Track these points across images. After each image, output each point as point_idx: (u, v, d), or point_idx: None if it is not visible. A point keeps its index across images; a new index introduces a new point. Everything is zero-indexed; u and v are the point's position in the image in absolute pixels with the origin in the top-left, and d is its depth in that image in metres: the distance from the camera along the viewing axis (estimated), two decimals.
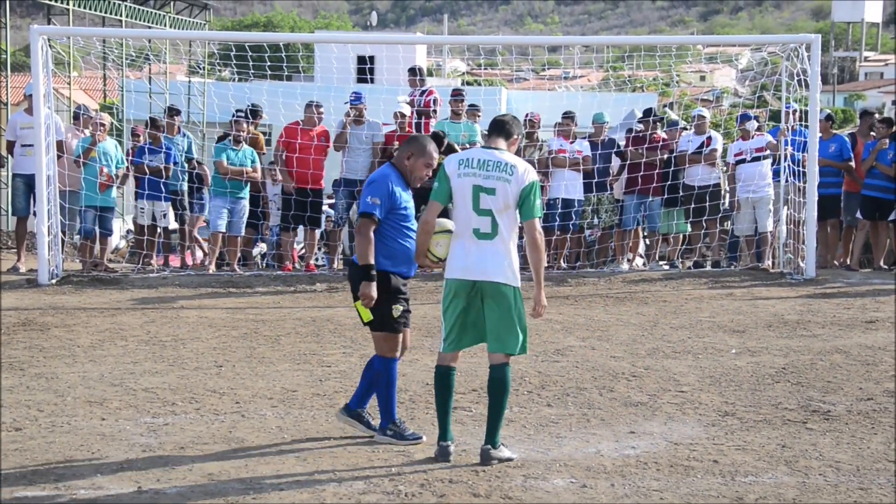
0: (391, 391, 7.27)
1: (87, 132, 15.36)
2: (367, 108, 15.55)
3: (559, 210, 15.25)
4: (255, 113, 15.74)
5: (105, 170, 14.97)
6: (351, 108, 15.41)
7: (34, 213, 14.71)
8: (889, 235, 15.60)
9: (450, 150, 7.60)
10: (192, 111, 31.53)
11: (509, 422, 7.53)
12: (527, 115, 15.91)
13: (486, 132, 7.57)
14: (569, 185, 15.33)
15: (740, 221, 15.61)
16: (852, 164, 15.49)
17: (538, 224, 6.86)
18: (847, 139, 15.87)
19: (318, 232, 15.75)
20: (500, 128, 7.04)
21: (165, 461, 6.80)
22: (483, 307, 6.83)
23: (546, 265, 15.37)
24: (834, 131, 16.00)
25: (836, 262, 15.72)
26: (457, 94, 15.55)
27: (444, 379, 6.93)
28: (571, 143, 15.49)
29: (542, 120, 16.13)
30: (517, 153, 7.26)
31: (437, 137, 7.23)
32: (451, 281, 6.92)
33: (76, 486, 6.32)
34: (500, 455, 6.80)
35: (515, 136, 7.07)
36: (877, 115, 17.14)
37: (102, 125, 15.28)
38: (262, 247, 18.49)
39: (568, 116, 15.71)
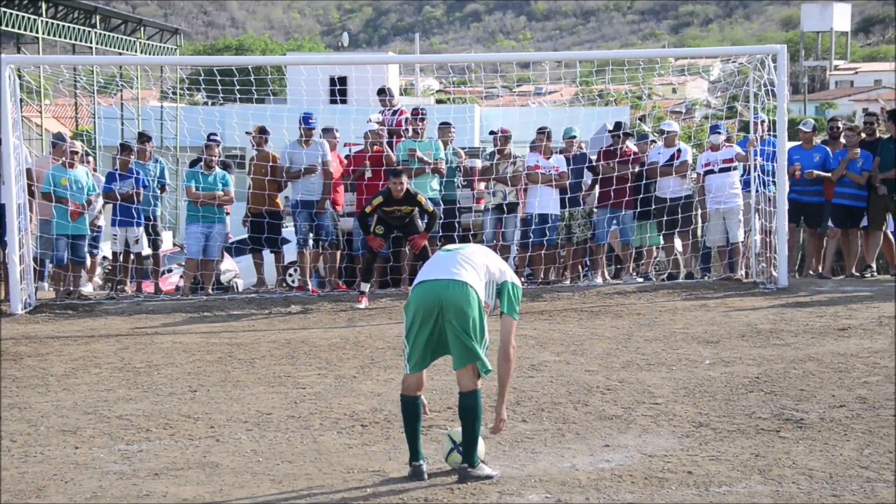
0: None
1: (58, 161, 15.27)
2: (315, 131, 15.48)
3: (533, 226, 15.28)
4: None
5: (70, 201, 14.79)
6: (301, 129, 15.34)
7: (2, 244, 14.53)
8: (859, 243, 15.70)
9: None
10: (164, 136, 31.50)
11: (484, 438, 7.52)
12: (494, 132, 15.88)
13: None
14: (544, 201, 15.36)
15: (711, 232, 15.68)
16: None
17: (514, 329, 6.95)
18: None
19: (307, 252, 15.51)
20: None
21: (140, 488, 6.77)
22: (444, 325, 6.75)
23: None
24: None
25: (810, 271, 15.82)
26: (416, 114, 15.63)
27: (410, 408, 6.92)
28: (548, 158, 15.51)
29: (512, 135, 16.09)
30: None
31: (397, 173, 7.19)
32: (413, 298, 6.87)
33: None
34: (478, 473, 6.79)
35: None
36: (841, 123, 17.26)
37: (74, 152, 15.21)
38: (234, 270, 18.37)
39: (542, 132, 15.71)
